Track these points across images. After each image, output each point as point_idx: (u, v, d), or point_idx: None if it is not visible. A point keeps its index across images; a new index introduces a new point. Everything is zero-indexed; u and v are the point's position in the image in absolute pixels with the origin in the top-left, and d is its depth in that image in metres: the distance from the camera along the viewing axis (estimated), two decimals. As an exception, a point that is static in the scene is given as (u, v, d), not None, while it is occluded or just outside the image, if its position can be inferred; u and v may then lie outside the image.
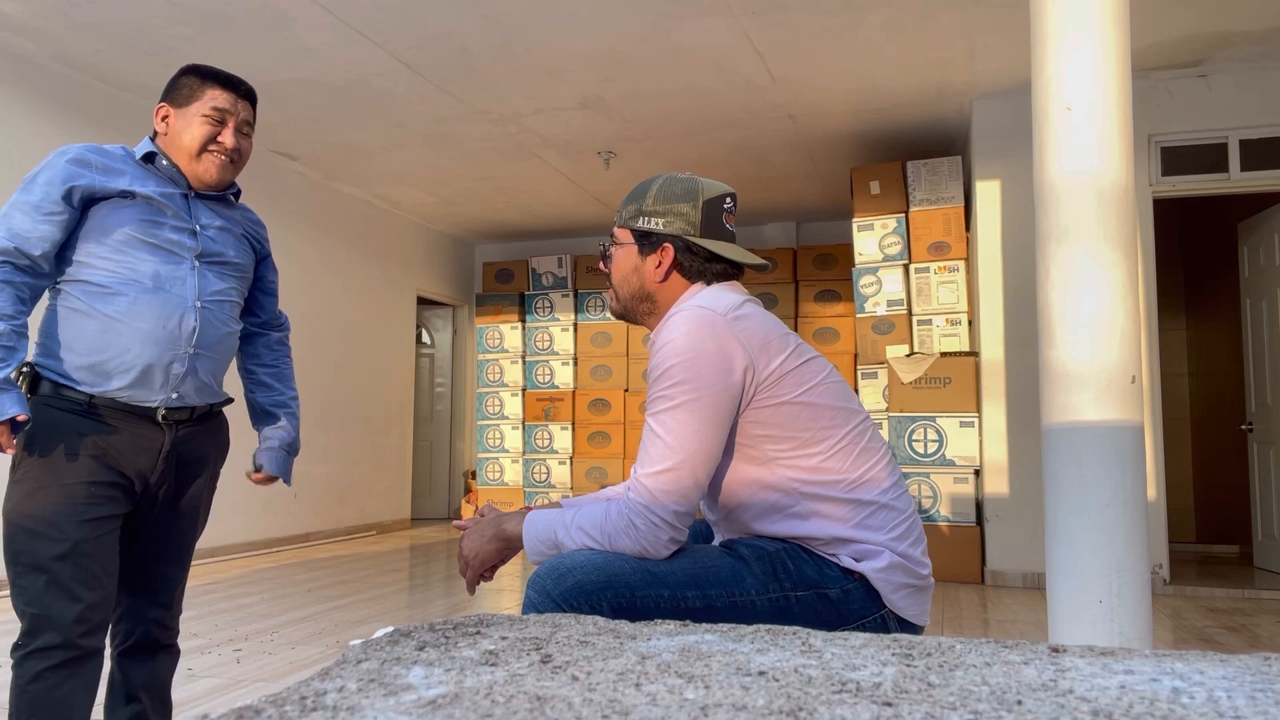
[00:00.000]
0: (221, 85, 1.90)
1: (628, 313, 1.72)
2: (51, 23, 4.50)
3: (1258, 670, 0.73)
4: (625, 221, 1.69)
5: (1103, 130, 2.82)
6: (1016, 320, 5.37)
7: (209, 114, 1.87)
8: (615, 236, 1.72)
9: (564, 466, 8.20)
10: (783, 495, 1.50)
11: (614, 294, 1.73)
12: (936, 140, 6.26)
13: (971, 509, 5.35)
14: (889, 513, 1.51)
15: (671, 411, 1.46)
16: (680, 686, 0.68)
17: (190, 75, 1.91)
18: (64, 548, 1.70)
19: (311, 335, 7.04)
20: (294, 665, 3.27)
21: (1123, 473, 2.73)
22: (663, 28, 4.55)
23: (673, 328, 1.51)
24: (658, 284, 1.66)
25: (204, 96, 1.88)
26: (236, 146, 1.91)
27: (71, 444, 1.74)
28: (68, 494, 1.72)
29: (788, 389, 1.50)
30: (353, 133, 6.12)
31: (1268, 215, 5.69)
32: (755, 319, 1.54)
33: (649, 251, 1.65)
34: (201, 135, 1.87)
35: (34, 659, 1.69)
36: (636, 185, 1.72)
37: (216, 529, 6.00)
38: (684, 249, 1.63)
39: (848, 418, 1.54)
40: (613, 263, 1.71)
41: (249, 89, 1.94)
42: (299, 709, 0.62)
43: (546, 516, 1.55)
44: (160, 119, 1.91)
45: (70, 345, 1.77)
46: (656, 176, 1.70)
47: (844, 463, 1.51)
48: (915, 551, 1.52)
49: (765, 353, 1.51)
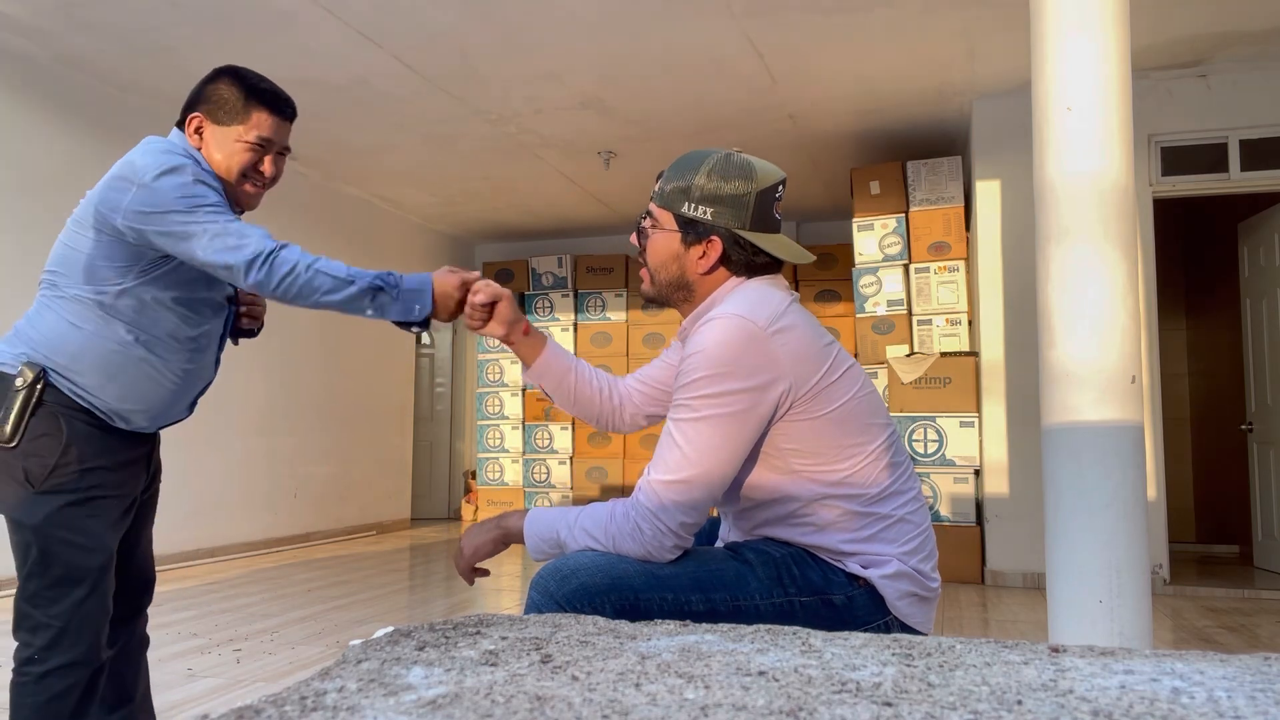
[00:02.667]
0: (269, 109, 1.71)
1: (661, 297, 1.61)
2: (52, 23, 4.49)
3: (1258, 670, 0.73)
4: (668, 203, 1.55)
5: (1103, 130, 2.82)
6: (1016, 320, 5.37)
7: (253, 142, 1.69)
8: (655, 216, 1.57)
9: (564, 466, 8.20)
10: (801, 504, 1.48)
11: (649, 276, 1.61)
12: (936, 140, 6.25)
13: (971, 509, 5.35)
14: (904, 526, 1.49)
15: (695, 423, 1.40)
16: (680, 686, 0.68)
17: (232, 85, 1.70)
18: (103, 559, 1.68)
19: (311, 335, 7.04)
20: (294, 665, 3.27)
21: (1123, 473, 2.73)
22: (663, 28, 4.55)
23: (710, 335, 1.42)
24: (700, 275, 1.55)
25: (249, 121, 1.69)
26: (276, 174, 1.75)
27: (99, 455, 1.71)
28: (101, 506, 1.70)
29: (820, 405, 1.45)
30: (353, 133, 6.12)
31: (1268, 215, 5.69)
32: (797, 330, 1.46)
33: (693, 241, 1.53)
34: (241, 163, 1.70)
35: (56, 677, 1.61)
36: (683, 157, 1.56)
37: (217, 529, 6.00)
38: (732, 243, 1.52)
39: (877, 433, 1.51)
40: (650, 244, 1.58)
41: (294, 110, 1.76)
42: (299, 709, 0.62)
43: (549, 514, 1.51)
44: (193, 130, 1.71)
45: (101, 378, 1.69)
46: (708, 153, 1.55)
47: (869, 477, 1.47)
48: (926, 567, 1.50)
49: (803, 369, 1.44)
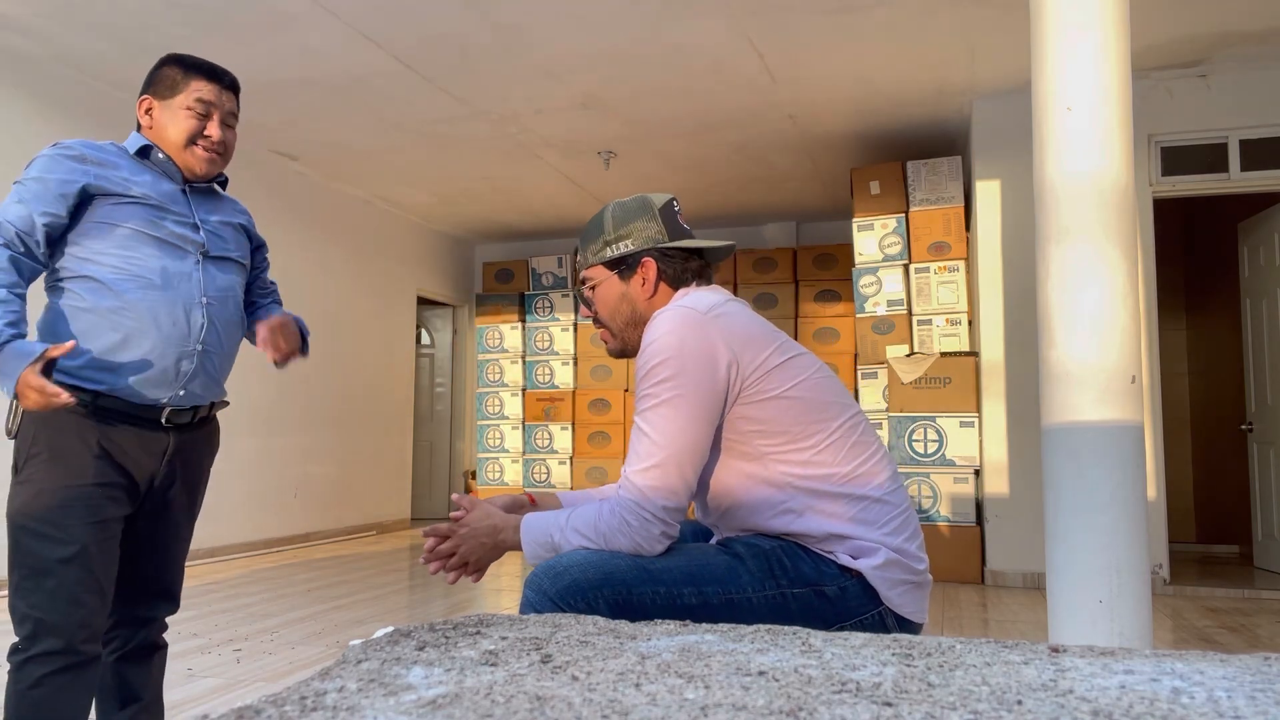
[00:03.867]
0: (205, 76, 1.86)
1: (627, 346, 1.72)
2: (51, 23, 4.49)
3: (1258, 670, 0.73)
4: (594, 260, 1.70)
5: (1103, 130, 2.82)
6: (1016, 320, 5.37)
7: (193, 106, 1.84)
8: (589, 279, 1.71)
9: (564, 466, 8.20)
10: (776, 490, 1.50)
11: (608, 333, 1.72)
12: (936, 140, 6.25)
13: (971, 509, 5.35)
14: (884, 507, 1.51)
15: (657, 409, 1.47)
16: (680, 686, 0.68)
17: (172, 66, 1.87)
18: (72, 551, 1.68)
19: (312, 335, 7.03)
20: (294, 665, 3.27)
21: (1123, 473, 2.73)
22: (663, 28, 4.55)
23: (656, 327, 1.52)
24: (648, 300, 1.66)
25: (188, 89, 1.84)
26: (223, 139, 1.87)
27: (77, 444, 1.71)
28: (75, 496, 1.69)
29: (775, 384, 1.51)
30: (353, 133, 6.12)
31: (1268, 215, 5.69)
32: (737, 316, 1.56)
33: (630, 274, 1.67)
34: (187, 129, 1.83)
35: (35, 664, 1.66)
36: (586, 227, 1.73)
37: (217, 529, 6.00)
38: (661, 256, 1.65)
39: (839, 412, 1.55)
40: (597, 303, 1.71)
41: (233, 79, 1.91)
42: (299, 709, 0.62)
43: (541, 520, 1.56)
44: (144, 112, 1.87)
45: (76, 342, 1.72)
46: (602, 210, 1.71)
47: (836, 456, 1.51)
48: (911, 546, 1.52)
49: (749, 347, 1.51)
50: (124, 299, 1.75)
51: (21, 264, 1.70)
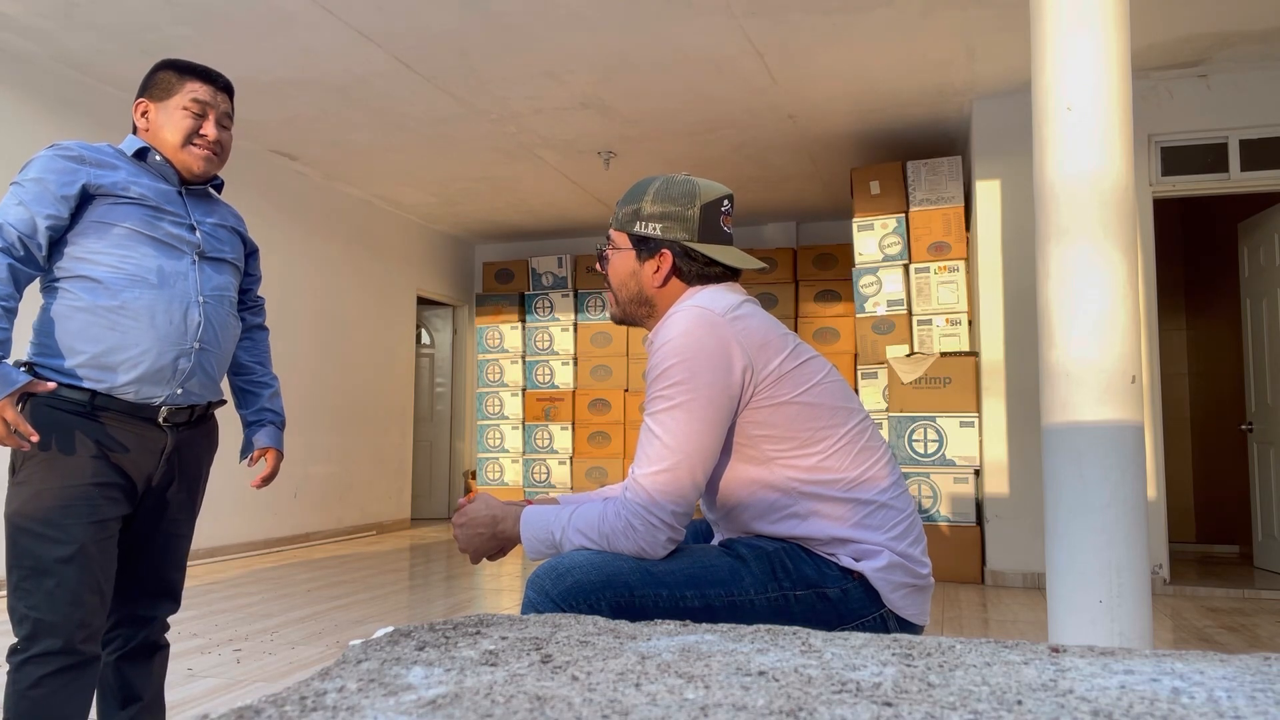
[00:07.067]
0: (200, 78, 1.90)
1: (627, 317, 1.70)
2: (51, 23, 4.49)
3: (1258, 670, 0.73)
4: (622, 225, 1.66)
5: (1103, 130, 2.82)
6: (1016, 320, 5.37)
7: (189, 106, 1.87)
8: (612, 239, 1.69)
9: (564, 466, 8.20)
10: (782, 494, 1.50)
11: (613, 298, 1.70)
12: (936, 140, 6.25)
13: (971, 509, 5.35)
14: (888, 512, 1.51)
15: (669, 411, 1.45)
16: (680, 686, 0.68)
17: (167, 70, 1.90)
18: (70, 551, 1.68)
19: (311, 335, 7.04)
20: (294, 665, 3.27)
21: (1123, 473, 2.73)
22: (663, 28, 4.55)
23: (671, 327, 1.49)
24: (656, 289, 1.64)
25: (184, 90, 1.88)
26: (219, 139, 1.91)
27: (74, 444, 1.72)
28: (73, 496, 1.70)
29: (786, 389, 1.49)
30: (353, 133, 6.12)
31: (1268, 215, 5.69)
32: (754, 319, 1.53)
33: (647, 256, 1.63)
34: (184, 129, 1.87)
35: (34, 664, 1.67)
36: (633, 185, 1.69)
37: (217, 529, 6.00)
38: (682, 254, 1.61)
39: (847, 417, 1.54)
40: (610, 266, 1.69)
41: (226, 81, 1.95)
42: (299, 709, 0.62)
43: (543, 514, 1.55)
44: (140, 114, 1.90)
45: (73, 342, 1.74)
46: (654, 178, 1.66)
47: (843, 462, 1.50)
48: (915, 551, 1.52)
49: (764, 352, 1.49)
50: (121, 298, 1.76)
51: (19, 273, 1.71)
